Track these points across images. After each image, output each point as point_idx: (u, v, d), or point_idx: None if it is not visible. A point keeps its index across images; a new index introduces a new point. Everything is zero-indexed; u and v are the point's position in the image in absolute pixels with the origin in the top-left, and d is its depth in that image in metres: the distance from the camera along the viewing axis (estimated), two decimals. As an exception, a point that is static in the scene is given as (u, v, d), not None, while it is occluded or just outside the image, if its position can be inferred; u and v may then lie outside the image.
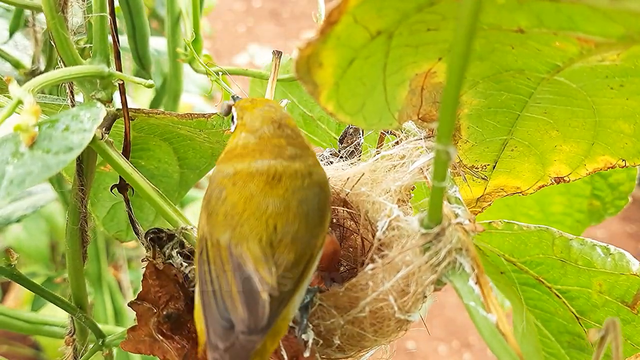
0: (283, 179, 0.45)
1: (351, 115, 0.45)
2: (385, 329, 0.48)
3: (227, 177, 0.46)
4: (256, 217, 0.43)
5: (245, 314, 0.40)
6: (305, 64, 0.39)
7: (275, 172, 0.45)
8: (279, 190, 0.44)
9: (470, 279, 0.44)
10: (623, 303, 0.54)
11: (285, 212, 0.44)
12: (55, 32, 0.51)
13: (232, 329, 0.40)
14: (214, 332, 0.41)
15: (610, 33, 0.38)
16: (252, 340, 0.40)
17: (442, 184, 0.41)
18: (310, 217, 0.45)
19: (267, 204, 0.44)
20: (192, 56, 0.78)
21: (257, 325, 0.40)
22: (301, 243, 0.44)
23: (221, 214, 0.44)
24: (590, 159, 0.55)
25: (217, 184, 0.46)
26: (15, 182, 0.38)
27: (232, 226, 0.44)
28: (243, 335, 0.40)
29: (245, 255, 0.42)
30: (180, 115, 0.57)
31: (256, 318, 0.40)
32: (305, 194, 0.45)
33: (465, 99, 0.52)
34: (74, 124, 0.42)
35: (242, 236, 0.43)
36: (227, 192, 0.45)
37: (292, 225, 0.43)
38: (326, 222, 0.47)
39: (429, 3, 0.39)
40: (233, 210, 0.44)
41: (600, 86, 0.48)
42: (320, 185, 0.47)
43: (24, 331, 0.78)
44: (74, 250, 0.60)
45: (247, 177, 0.45)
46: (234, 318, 0.40)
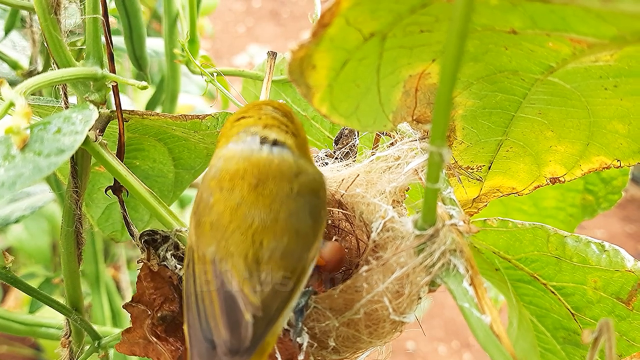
0: (269, 181, 0.43)
1: (345, 117, 0.45)
2: (380, 331, 0.48)
3: (215, 178, 0.44)
4: (242, 231, 0.42)
5: (227, 335, 0.39)
6: (299, 66, 0.39)
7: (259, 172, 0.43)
8: (266, 200, 0.42)
9: (465, 280, 0.44)
10: (618, 299, 0.54)
11: (272, 226, 0.42)
12: (48, 34, 0.51)
13: (215, 349, 0.39)
14: (198, 353, 0.40)
15: (603, 34, 0.38)
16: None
17: (436, 186, 0.41)
18: (302, 229, 0.43)
19: (253, 217, 0.42)
20: (188, 57, 0.78)
21: (239, 347, 0.39)
22: (291, 258, 0.42)
23: (208, 224, 0.43)
24: (586, 159, 0.55)
25: (206, 186, 0.45)
26: (6, 184, 0.38)
27: (218, 239, 0.42)
28: (226, 357, 0.39)
29: (230, 272, 0.41)
30: (175, 116, 0.56)
31: (238, 340, 0.39)
32: (295, 204, 0.43)
33: (459, 100, 0.52)
34: (66, 126, 0.42)
35: (228, 252, 0.42)
36: (214, 199, 0.43)
37: (281, 240, 0.42)
38: (320, 232, 0.45)
39: (422, 5, 0.39)
40: (219, 222, 0.42)
41: (594, 87, 0.48)
42: (312, 189, 0.45)
43: (21, 333, 0.78)
44: (69, 252, 0.60)
45: (234, 180, 0.43)
46: (216, 339, 0.39)
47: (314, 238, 0.44)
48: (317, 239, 0.45)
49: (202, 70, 0.68)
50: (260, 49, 3.86)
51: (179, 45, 0.94)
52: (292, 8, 4.55)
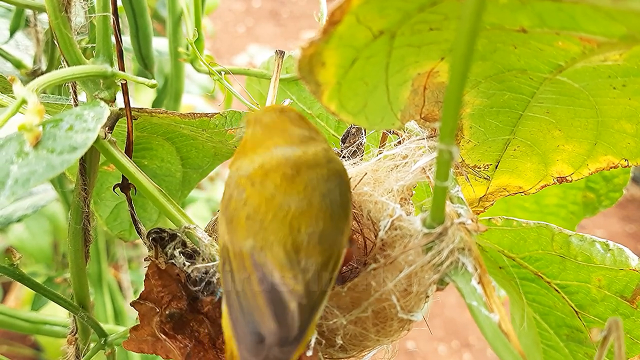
0: (302, 171, 0.43)
1: (353, 114, 0.45)
2: (387, 329, 0.48)
3: (245, 176, 0.44)
4: (279, 219, 0.41)
5: (275, 325, 0.39)
6: (308, 63, 0.39)
7: (292, 163, 0.43)
8: (299, 186, 0.42)
9: (473, 279, 0.44)
10: (622, 298, 0.54)
11: (308, 210, 0.42)
12: (58, 31, 0.51)
13: (263, 342, 0.39)
14: (245, 348, 0.39)
15: (612, 33, 0.38)
16: (287, 351, 0.39)
17: (445, 184, 0.41)
18: (335, 211, 0.43)
19: (289, 204, 0.42)
20: (194, 56, 0.78)
21: (288, 336, 0.39)
22: (328, 242, 0.42)
23: (243, 218, 0.42)
24: (593, 158, 0.55)
25: (235, 185, 0.44)
26: (20, 181, 0.38)
27: (255, 231, 0.42)
28: (276, 348, 0.38)
29: (269, 263, 0.41)
30: (183, 114, 0.57)
31: (287, 329, 0.39)
32: (326, 187, 0.43)
33: (467, 98, 0.53)
34: (78, 124, 0.42)
35: (266, 242, 0.41)
36: (247, 193, 0.43)
37: (317, 224, 0.42)
38: (350, 214, 0.45)
39: (431, 3, 0.39)
40: (255, 214, 0.42)
41: (602, 86, 0.48)
42: (339, 173, 0.45)
43: (24, 330, 0.78)
44: (77, 250, 0.60)
45: (265, 174, 0.43)
46: (263, 331, 0.39)
47: (346, 221, 0.44)
48: (348, 222, 0.45)
49: (210, 68, 0.68)
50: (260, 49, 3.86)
51: (183, 44, 0.94)
52: (292, 8, 4.55)
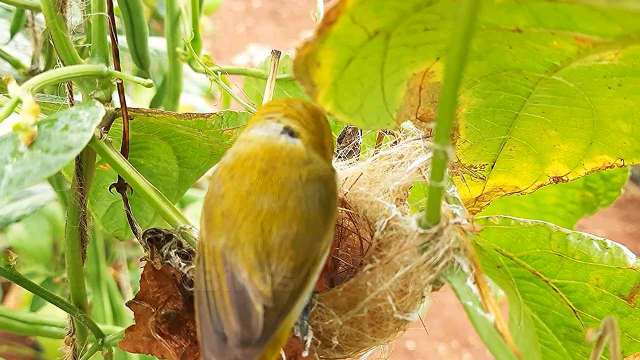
0: (278, 168, 0.43)
1: (349, 115, 0.45)
2: (383, 329, 0.48)
3: (227, 167, 0.44)
4: (251, 219, 0.41)
5: (238, 327, 0.39)
6: (303, 64, 0.39)
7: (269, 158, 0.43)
8: (275, 187, 0.42)
9: (468, 279, 0.44)
10: (620, 296, 0.54)
11: (281, 213, 0.41)
12: (54, 31, 0.51)
13: (226, 342, 0.39)
14: (208, 347, 0.39)
15: (608, 32, 0.38)
16: (248, 354, 0.38)
17: (440, 184, 0.41)
18: (312, 217, 0.42)
19: (262, 204, 0.41)
20: (191, 56, 0.78)
21: (250, 338, 0.39)
22: (302, 247, 0.42)
23: (219, 215, 0.43)
24: (589, 158, 0.55)
25: (217, 177, 0.45)
26: (15, 181, 0.38)
27: (228, 230, 0.42)
28: (237, 349, 0.38)
29: (239, 264, 0.41)
30: (179, 114, 0.56)
31: (249, 331, 0.39)
32: (304, 192, 0.42)
33: (463, 98, 0.53)
34: (73, 123, 0.42)
35: (238, 242, 0.41)
36: (225, 188, 0.43)
37: (290, 228, 0.41)
38: (331, 223, 0.45)
39: (426, 3, 0.39)
40: (229, 212, 0.42)
41: (598, 86, 0.48)
42: (322, 179, 0.44)
43: (23, 332, 0.78)
44: (73, 250, 0.60)
45: (244, 168, 0.43)
46: (227, 331, 0.39)
47: (324, 228, 0.44)
48: (328, 230, 0.44)
49: (206, 68, 0.68)
50: (260, 49, 3.86)
51: (181, 43, 0.94)
52: (292, 8, 4.55)
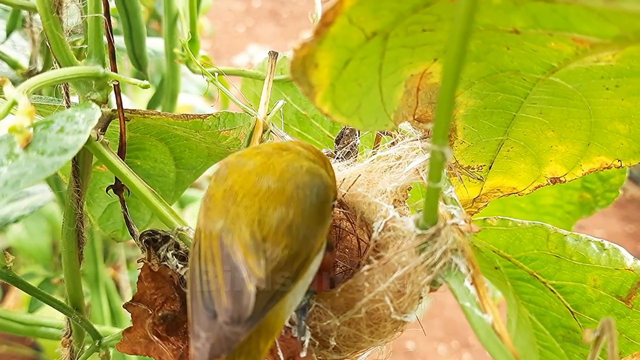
0: (284, 155, 0.45)
1: (347, 116, 0.45)
2: (381, 330, 0.48)
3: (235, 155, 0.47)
4: (250, 197, 0.42)
5: (229, 304, 0.39)
6: (301, 65, 0.39)
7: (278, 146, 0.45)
8: (276, 169, 0.44)
9: (466, 280, 0.44)
10: (617, 298, 0.54)
11: (279, 195, 0.43)
12: (50, 32, 0.51)
13: (215, 318, 0.39)
14: (197, 321, 0.40)
15: (605, 33, 0.38)
16: (236, 332, 0.39)
17: (438, 185, 0.41)
18: (307, 207, 0.43)
19: (261, 184, 0.43)
20: (188, 57, 0.78)
21: (240, 316, 0.39)
22: (297, 237, 0.42)
23: (220, 193, 0.44)
24: (586, 159, 0.55)
25: (224, 163, 0.47)
26: (10, 183, 0.38)
27: (228, 208, 0.43)
28: (226, 326, 0.39)
29: (235, 245, 0.42)
30: (176, 116, 0.56)
31: (240, 308, 0.39)
32: (303, 180, 0.44)
33: (461, 99, 0.52)
34: (69, 125, 0.42)
35: (236, 219, 0.42)
36: (229, 170, 0.45)
37: (286, 211, 0.42)
38: (326, 224, 0.45)
39: (424, 4, 0.39)
40: (231, 189, 0.44)
41: (595, 87, 0.48)
42: (321, 177, 0.46)
43: (20, 333, 0.77)
44: (70, 251, 0.60)
45: (251, 154, 0.46)
46: (217, 308, 0.39)
47: (319, 227, 0.44)
48: (322, 230, 0.45)
49: (203, 69, 0.68)
50: (260, 49, 3.86)
51: (179, 44, 0.94)
52: (292, 8, 4.55)
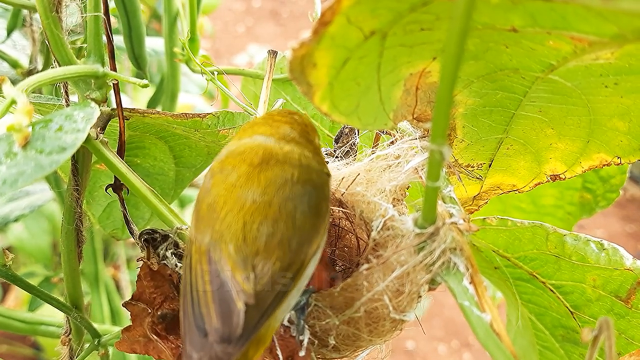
0: (270, 165, 0.42)
1: (346, 115, 0.45)
2: (380, 329, 0.48)
3: (218, 161, 0.44)
4: (234, 213, 0.41)
5: (219, 323, 0.39)
6: (299, 64, 0.39)
7: (263, 153, 0.43)
8: (262, 181, 0.42)
9: (465, 279, 0.44)
10: (617, 297, 0.54)
11: (264, 209, 0.41)
12: (49, 31, 0.51)
13: (206, 338, 0.39)
14: (189, 341, 0.39)
15: (603, 32, 0.38)
16: (228, 351, 0.38)
17: (437, 184, 0.41)
18: (299, 218, 0.42)
19: (245, 198, 0.41)
20: (188, 56, 0.78)
21: (230, 335, 0.39)
22: (289, 248, 0.41)
23: (205, 207, 0.43)
24: (586, 156, 0.55)
25: (209, 170, 0.45)
26: (8, 182, 0.38)
27: (212, 223, 0.42)
28: (218, 346, 0.38)
29: (223, 261, 0.41)
30: (175, 115, 0.56)
31: (230, 328, 0.39)
32: (292, 192, 0.42)
33: (460, 98, 0.52)
34: (68, 124, 0.42)
35: (221, 236, 0.41)
36: (213, 181, 0.43)
37: (275, 225, 0.41)
38: (321, 228, 0.44)
39: (422, 3, 0.39)
40: (214, 204, 0.42)
41: (594, 84, 0.48)
42: (314, 183, 0.44)
43: (21, 331, 0.78)
44: (70, 250, 0.60)
45: (235, 161, 0.43)
46: (207, 327, 0.39)
47: (314, 232, 0.43)
48: (318, 234, 0.44)
49: (203, 68, 0.68)
50: (260, 49, 3.85)
51: (179, 44, 0.94)
52: (292, 8, 4.55)
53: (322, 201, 0.45)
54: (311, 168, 0.45)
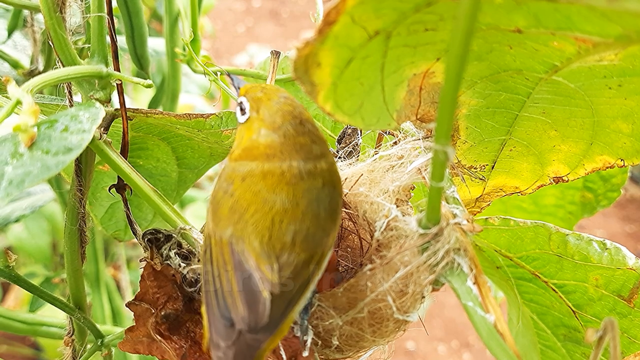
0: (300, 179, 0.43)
1: (349, 115, 0.45)
2: (383, 330, 0.48)
3: (240, 173, 0.44)
4: (262, 213, 0.42)
5: (245, 312, 0.40)
6: (303, 64, 0.39)
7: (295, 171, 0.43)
8: (289, 189, 0.42)
9: (469, 279, 0.44)
10: (619, 297, 0.54)
11: (292, 210, 0.42)
12: (53, 32, 0.51)
13: (233, 327, 0.39)
14: (216, 331, 0.40)
15: (608, 33, 0.38)
16: (258, 339, 0.39)
17: (440, 184, 0.41)
18: (322, 215, 0.43)
19: (274, 201, 0.42)
20: (190, 56, 0.78)
21: (257, 323, 0.39)
22: (312, 242, 0.42)
23: (226, 207, 0.43)
24: (589, 158, 0.55)
25: (226, 177, 0.45)
26: (15, 182, 0.38)
27: (236, 221, 0.42)
28: (248, 334, 0.39)
29: (247, 252, 0.41)
30: (179, 115, 0.56)
31: (256, 316, 0.40)
32: (317, 194, 0.43)
33: (463, 99, 0.52)
34: (73, 125, 0.42)
35: (245, 232, 0.42)
36: (235, 186, 0.43)
37: (302, 223, 0.42)
38: (338, 219, 0.45)
39: (426, 3, 0.39)
40: (238, 205, 0.42)
41: (598, 86, 0.48)
42: (333, 184, 0.45)
43: (22, 332, 0.78)
44: (73, 251, 0.60)
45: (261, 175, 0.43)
46: (234, 316, 0.40)
47: (332, 224, 0.44)
48: (335, 226, 0.45)
49: (205, 68, 0.68)
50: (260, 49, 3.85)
51: (180, 44, 0.94)
52: (292, 8, 4.55)
53: (339, 199, 0.46)
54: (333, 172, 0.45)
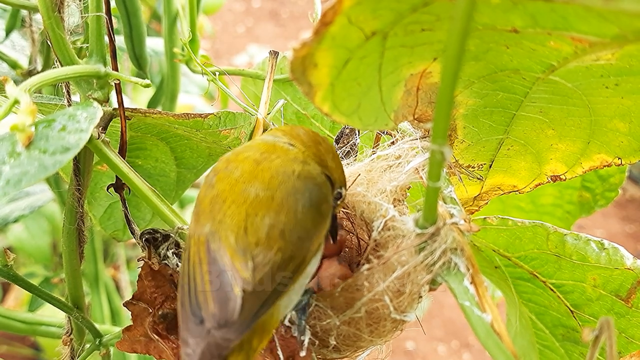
0: (272, 159, 0.43)
1: (347, 115, 0.45)
2: (381, 329, 0.48)
3: (224, 159, 0.45)
4: (236, 205, 0.41)
5: (216, 309, 0.39)
6: (301, 64, 0.39)
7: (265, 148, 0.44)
8: (265, 176, 0.42)
9: (465, 279, 0.44)
10: (617, 297, 0.55)
11: (267, 202, 0.41)
12: (51, 32, 0.51)
13: (203, 324, 0.39)
14: (185, 328, 0.40)
15: (604, 33, 0.38)
16: (228, 338, 0.38)
17: (437, 184, 0.41)
18: (300, 212, 0.42)
19: (249, 192, 0.42)
20: (189, 56, 0.78)
21: (227, 320, 0.38)
22: (290, 241, 0.41)
23: (207, 202, 0.43)
24: (586, 157, 0.55)
25: (213, 168, 0.45)
26: (12, 182, 0.38)
27: (214, 216, 0.42)
28: (217, 332, 0.38)
29: (222, 248, 0.41)
30: (177, 115, 0.56)
31: (226, 313, 0.39)
32: (294, 186, 0.43)
33: (461, 99, 0.53)
34: (71, 124, 0.42)
35: (221, 226, 0.41)
36: (217, 178, 0.44)
37: (277, 217, 0.41)
38: (322, 226, 0.45)
39: (423, 3, 0.39)
40: (217, 197, 0.42)
41: (595, 85, 0.48)
42: (315, 181, 0.44)
43: (21, 332, 0.78)
44: (71, 250, 0.60)
45: (239, 158, 0.44)
46: (204, 314, 0.39)
47: (315, 229, 0.43)
48: (318, 232, 0.44)
49: (204, 68, 0.68)
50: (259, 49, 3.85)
51: (179, 44, 0.94)
52: (292, 8, 4.55)
53: (323, 201, 0.45)
54: (312, 170, 0.45)
